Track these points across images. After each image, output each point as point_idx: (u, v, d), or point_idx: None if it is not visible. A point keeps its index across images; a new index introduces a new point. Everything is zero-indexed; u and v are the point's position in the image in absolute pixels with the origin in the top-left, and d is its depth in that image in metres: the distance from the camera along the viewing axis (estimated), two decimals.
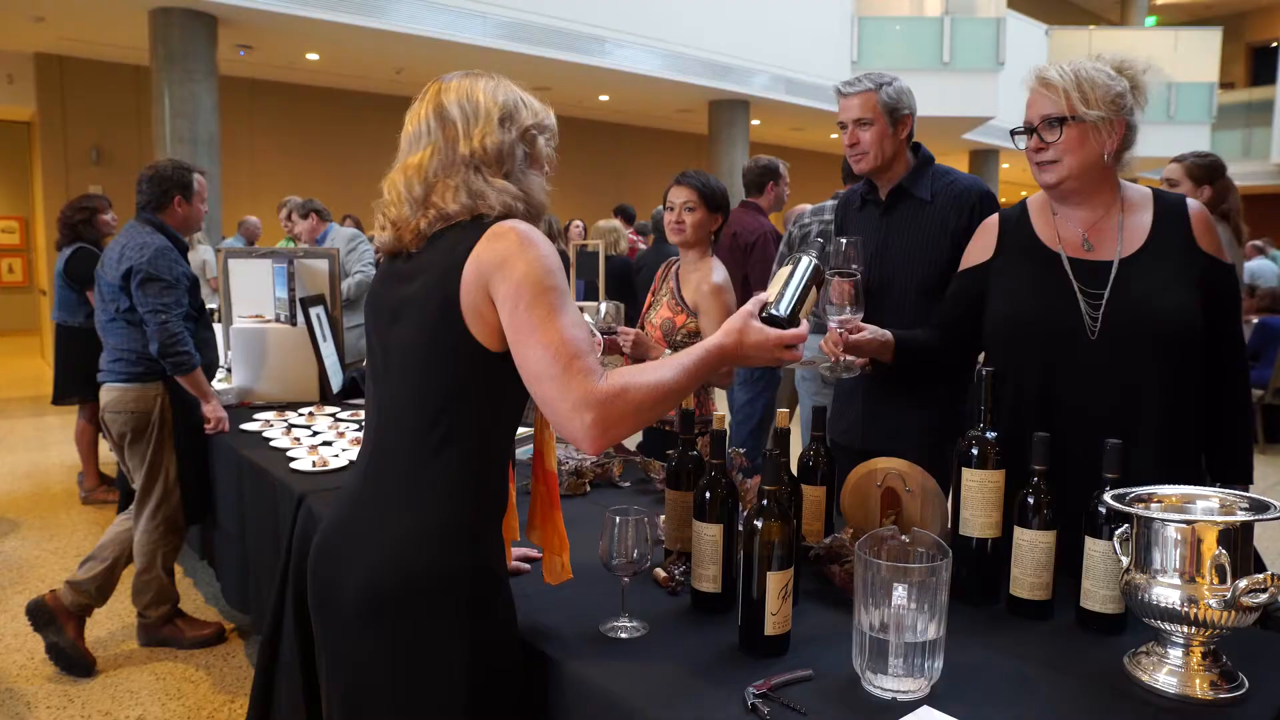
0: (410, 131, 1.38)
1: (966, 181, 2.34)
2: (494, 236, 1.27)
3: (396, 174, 1.37)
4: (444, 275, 1.28)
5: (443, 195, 1.32)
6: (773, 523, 1.33)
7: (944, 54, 12.59)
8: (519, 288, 1.23)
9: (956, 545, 1.56)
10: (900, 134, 2.33)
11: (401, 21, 8.92)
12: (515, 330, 1.23)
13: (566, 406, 1.20)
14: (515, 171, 1.35)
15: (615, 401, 1.21)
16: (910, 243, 2.31)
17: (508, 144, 1.34)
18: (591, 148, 14.32)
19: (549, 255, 1.26)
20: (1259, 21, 21.33)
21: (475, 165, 1.33)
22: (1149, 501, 1.33)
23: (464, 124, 1.34)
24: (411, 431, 1.32)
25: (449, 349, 1.29)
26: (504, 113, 1.35)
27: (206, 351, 3.29)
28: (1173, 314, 1.68)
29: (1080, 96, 1.70)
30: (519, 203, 1.33)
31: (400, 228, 1.36)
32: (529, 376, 1.24)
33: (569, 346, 1.21)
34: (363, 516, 1.36)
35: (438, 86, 1.38)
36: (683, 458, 1.69)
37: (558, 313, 1.23)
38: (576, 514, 2.12)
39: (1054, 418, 1.72)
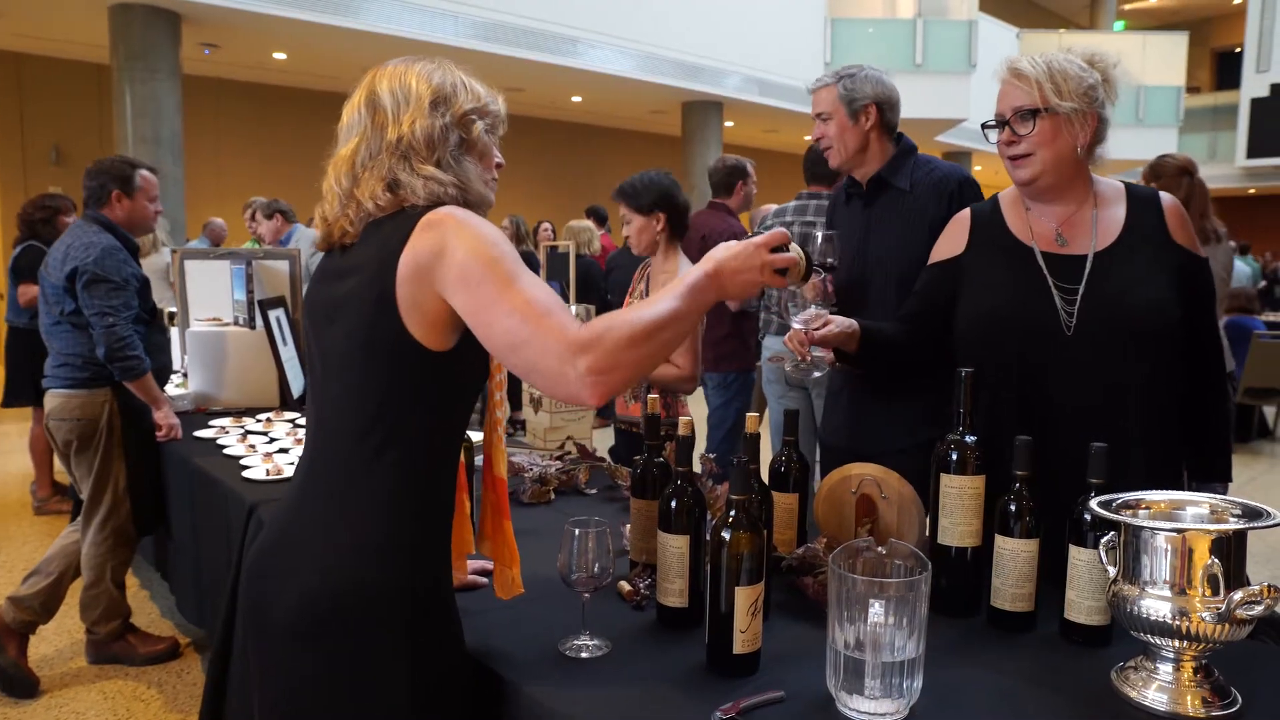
0: (344, 123, 1.30)
1: (946, 169, 2.30)
2: (427, 226, 1.19)
3: (329, 168, 1.30)
4: (378, 271, 1.20)
5: (366, 188, 1.25)
6: (741, 534, 1.25)
7: (916, 56, 12.62)
8: (465, 268, 1.14)
9: (935, 554, 1.49)
10: (863, 125, 2.28)
11: (372, 21, 8.79)
12: (475, 311, 1.15)
13: (553, 362, 1.11)
14: (446, 159, 1.26)
15: (604, 340, 1.11)
16: (890, 234, 2.27)
17: (439, 129, 1.25)
18: (564, 149, 14.24)
19: (488, 229, 1.19)
20: (1222, 27, 21.66)
21: (403, 153, 1.24)
22: (1136, 508, 1.27)
23: (394, 109, 1.26)
24: (347, 440, 1.23)
25: (386, 349, 1.21)
26: (437, 96, 1.26)
27: (158, 356, 3.17)
28: (1149, 308, 1.64)
29: (1053, 88, 1.65)
30: (453, 190, 1.25)
31: (331, 224, 1.29)
32: (504, 351, 1.15)
33: (536, 304, 1.12)
34: (295, 533, 1.26)
35: (374, 73, 1.31)
36: (648, 464, 1.61)
37: (514, 278, 1.14)
38: (540, 523, 2.03)
39: (1031, 417, 1.66)
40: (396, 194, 1.24)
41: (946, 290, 1.84)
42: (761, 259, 1.24)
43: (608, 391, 1.12)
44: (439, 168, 1.25)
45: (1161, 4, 21.02)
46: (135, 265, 3.08)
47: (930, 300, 1.87)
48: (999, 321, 1.73)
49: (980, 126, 1.78)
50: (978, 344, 1.76)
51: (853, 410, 2.35)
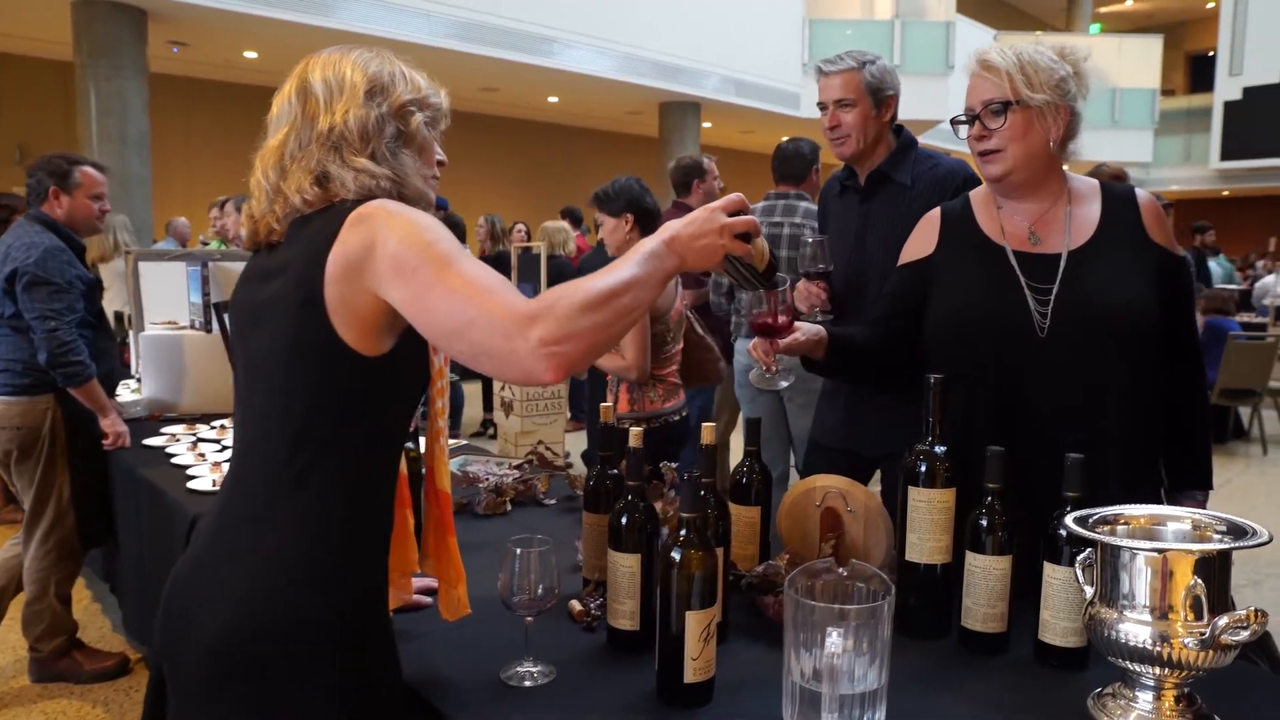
0: (274, 113, 1.22)
1: (949, 165, 2.22)
2: (357, 220, 1.10)
3: (256, 161, 1.21)
4: (305, 270, 1.11)
5: (294, 181, 1.16)
6: (692, 554, 1.16)
7: (894, 57, 12.59)
8: (398, 256, 1.05)
9: (903, 571, 1.41)
10: (884, 116, 2.22)
11: (346, 20, 8.64)
12: (413, 299, 1.05)
13: (500, 339, 1.00)
14: (382, 151, 1.18)
15: (555, 308, 1.01)
16: (890, 228, 2.17)
17: (374, 119, 1.17)
18: (541, 150, 14.13)
19: (421, 216, 1.10)
20: (1196, 31, 21.83)
21: (334, 144, 1.16)
22: (1114, 524, 1.19)
23: (326, 98, 1.18)
24: (272, 455, 1.14)
25: (313, 355, 1.11)
26: (372, 85, 1.19)
27: (106, 361, 3.04)
28: (1125, 308, 1.57)
29: (1024, 80, 1.58)
30: (386, 184, 1.17)
31: (257, 221, 1.21)
32: (448, 337, 1.04)
33: (477, 282, 1.04)
34: (215, 558, 1.16)
35: (307, 61, 1.22)
36: (601, 476, 1.52)
37: (451, 259, 1.05)
38: (495, 536, 1.93)
39: (1005, 421, 1.59)
40: (325, 188, 1.15)
41: (917, 291, 1.76)
42: (719, 222, 1.16)
43: (565, 364, 1.01)
44: (373, 160, 1.17)
45: (1136, 7, 21.17)
46: (81, 267, 2.96)
47: (901, 302, 1.80)
48: (970, 323, 1.65)
49: (950, 121, 1.70)
50: (949, 346, 1.69)
51: (850, 411, 2.27)
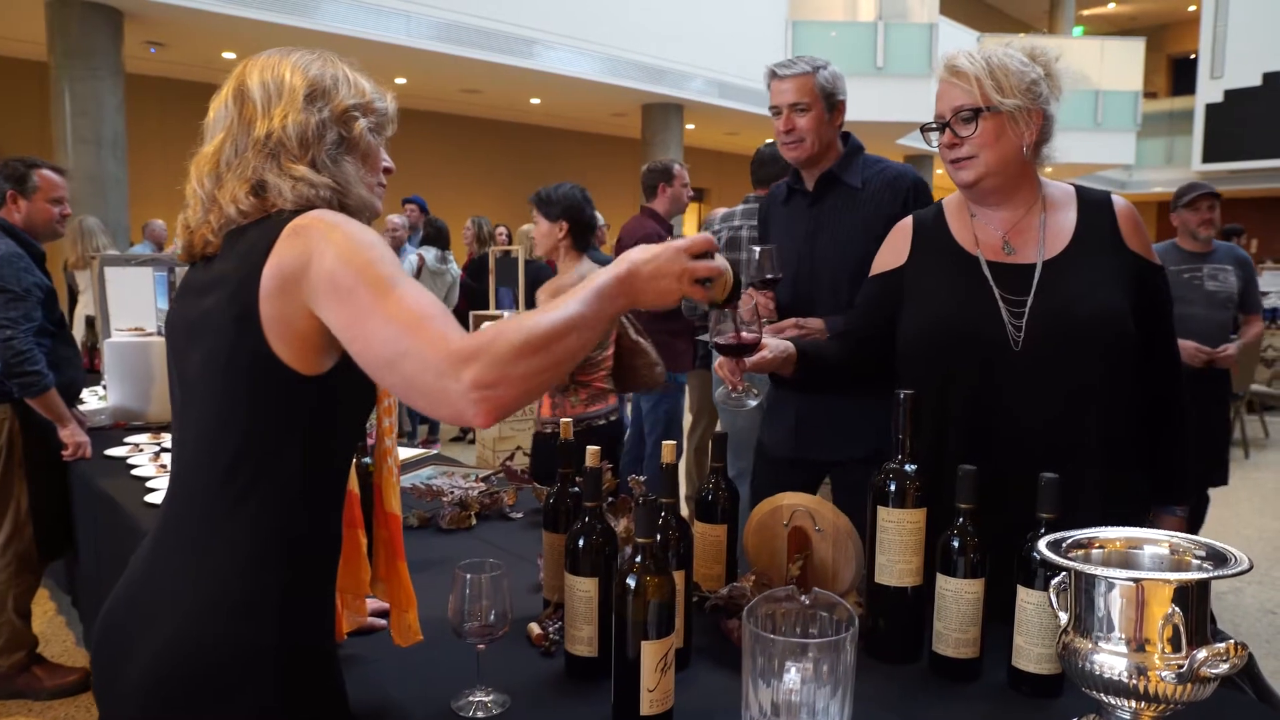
0: (210, 118, 1.17)
1: (898, 168, 2.25)
2: (294, 233, 1.04)
3: (191, 168, 1.16)
4: (239, 285, 1.05)
5: (229, 190, 1.11)
6: (649, 580, 1.10)
7: (878, 59, 12.59)
8: (335, 275, 1.00)
9: (872, 594, 1.35)
10: (836, 120, 2.25)
11: (324, 20, 8.55)
12: (349, 324, 0.99)
13: (433, 377, 0.95)
14: (322, 158, 1.13)
15: (491, 348, 0.95)
16: (841, 231, 2.19)
17: (314, 125, 1.12)
18: (523, 152, 14.05)
19: (361, 230, 1.04)
20: (1178, 34, 21.95)
21: (271, 150, 1.11)
22: (1089, 548, 1.13)
23: (264, 103, 1.12)
24: (208, 479, 1.08)
25: (249, 374, 1.06)
26: (313, 89, 1.13)
27: (66, 370, 2.96)
28: (1102, 319, 1.52)
29: (994, 85, 1.54)
30: (326, 193, 1.11)
31: (193, 232, 1.15)
32: (380, 368, 0.99)
33: (413, 309, 0.98)
34: (150, 587, 1.10)
35: (245, 64, 1.17)
36: (561, 494, 1.46)
37: (392, 283, 0.99)
38: (459, 551, 1.88)
39: (976, 438, 1.54)
40: (262, 197, 1.10)
41: (889, 303, 1.71)
42: (681, 265, 1.10)
43: (496, 410, 0.95)
44: (313, 168, 1.12)
45: (1119, 10, 21.28)
46: (39, 273, 2.87)
47: (871, 314, 1.75)
48: (943, 336, 1.60)
49: (920, 129, 1.65)
50: (921, 360, 1.64)
51: (799, 419, 2.25)
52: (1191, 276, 3.92)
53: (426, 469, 2.49)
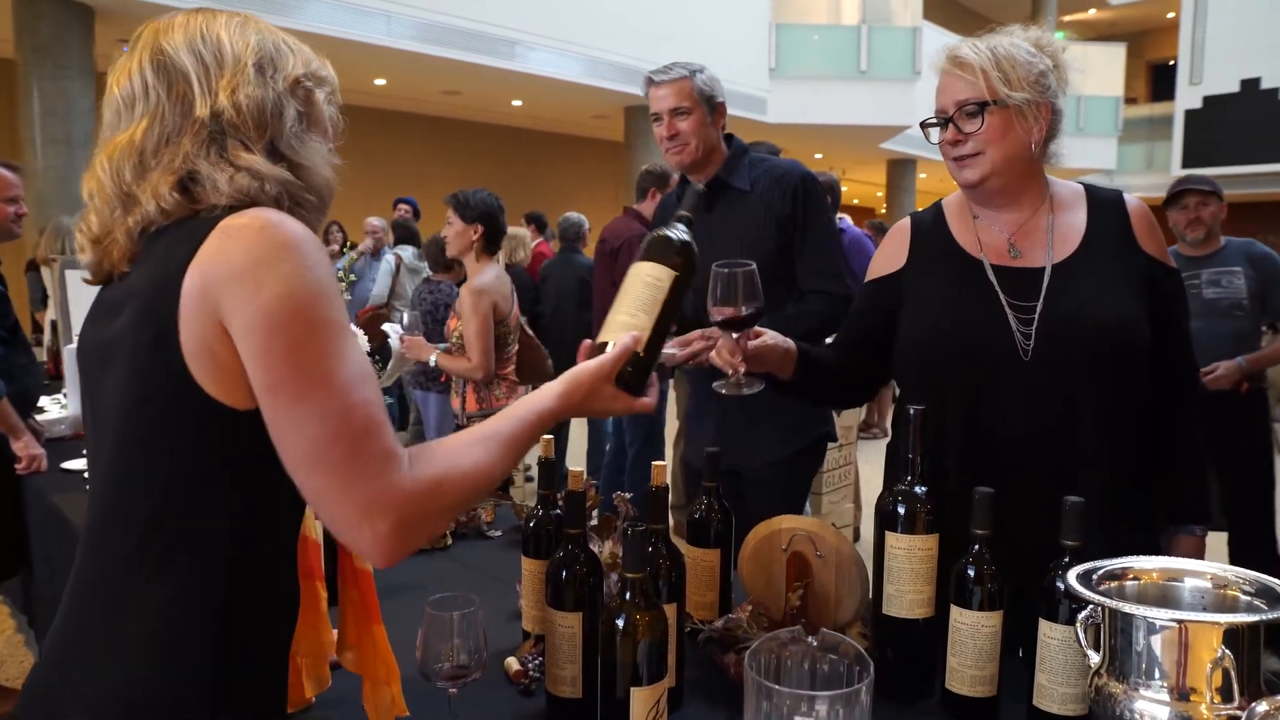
0: (117, 94, 0.96)
1: (785, 165, 2.24)
2: (226, 233, 0.87)
3: (97, 163, 0.96)
4: (154, 299, 0.89)
5: (151, 184, 0.92)
6: (639, 619, 0.99)
7: (861, 62, 12.55)
8: (270, 319, 0.83)
9: (880, 626, 1.25)
10: (718, 123, 2.26)
11: (304, 20, 8.39)
12: (268, 387, 0.85)
13: (351, 509, 0.83)
14: (287, 138, 0.97)
15: (428, 500, 0.85)
16: (734, 235, 2.18)
17: (273, 99, 0.96)
18: (504, 154, 13.91)
19: (318, 264, 0.87)
20: (1157, 40, 22.08)
21: (215, 134, 0.93)
22: (1122, 579, 1.04)
23: (201, 75, 0.94)
24: (125, 533, 0.91)
25: (169, 409, 0.89)
26: (260, 56, 0.97)
27: (21, 379, 2.81)
28: (1116, 325, 1.42)
29: (1001, 77, 1.43)
30: (275, 188, 0.93)
31: (102, 240, 0.96)
32: (292, 459, 0.85)
33: (357, 417, 0.84)
34: (61, 666, 0.93)
35: (156, 28, 0.97)
36: (542, 519, 1.35)
37: (336, 360, 0.85)
38: (434, 575, 1.76)
39: (979, 454, 1.43)
40: (190, 193, 0.92)
41: (884, 310, 1.60)
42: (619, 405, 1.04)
43: (401, 557, 0.86)
44: (271, 153, 0.96)
45: (1099, 16, 21.36)
46: None
47: (866, 322, 1.63)
48: (945, 345, 1.49)
49: (920, 125, 1.55)
50: (920, 370, 1.53)
51: (721, 427, 2.24)
52: (1188, 285, 3.33)
53: None
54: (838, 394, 1.74)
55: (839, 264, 2.21)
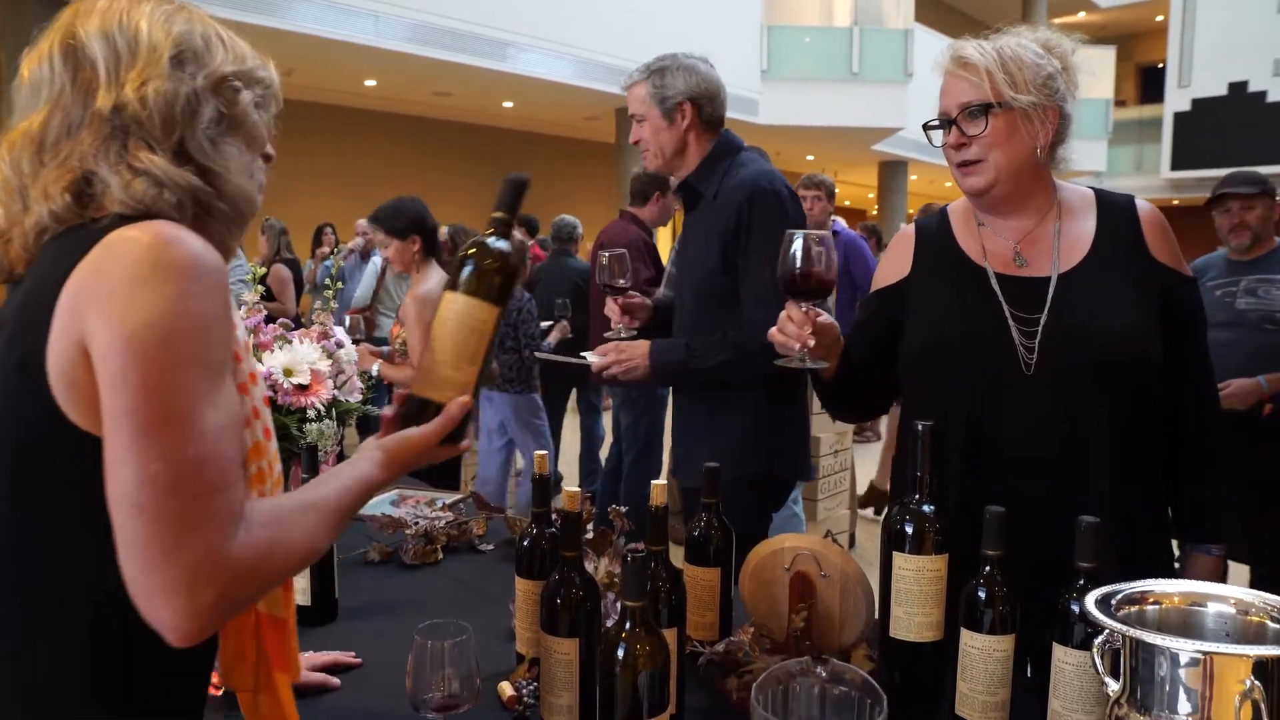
0: (24, 80, 0.90)
1: (742, 176, 2.02)
2: (108, 247, 0.79)
3: (2, 152, 0.89)
4: (24, 319, 0.81)
5: (43, 184, 0.85)
6: (639, 650, 0.95)
7: (853, 64, 12.53)
8: (131, 345, 0.75)
9: (887, 649, 1.21)
10: (679, 124, 2.05)
11: (292, 20, 8.31)
12: (114, 413, 0.76)
13: (173, 570, 0.74)
14: (199, 141, 0.88)
15: (257, 573, 0.79)
16: (696, 243, 2.10)
17: (185, 96, 0.87)
18: (495, 155, 13.84)
19: (208, 292, 0.79)
20: (1146, 43, 22.18)
21: (118, 130, 0.85)
22: (1142, 603, 1.00)
23: (111, 64, 0.86)
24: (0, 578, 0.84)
25: (36, 442, 0.81)
26: (181, 48, 0.88)
27: None
28: (1124, 338, 1.37)
29: (1006, 78, 1.38)
30: (177, 196, 0.85)
31: (6, 236, 0.88)
32: (118, 494, 0.76)
33: (210, 470, 0.77)
34: None
35: (75, 9, 0.90)
36: (536, 537, 1.30)
37: (201, 403, 0.77)
38: (425, 591, 1.71)
39: (984, 469, 1.39)
40: (83, 198, 0.84)
41: (889, 319, 1.55)
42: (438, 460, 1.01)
43: (207, 635, 0.78)
44: (179, 156, 0.87)
45: (1089, 19, 21.44)
46: None
47: (872, 333, 1.58)
48: (947, 355, 1.45)
49: (922, 127, 1.50)
50: (922, 381, 1.49)
51: (680, 443, 2.18)
52: (1224, 293, 3.04)
53: (388, 494, 2.31)
54: (858, 402, 1.68)
55: (771, 297, 1.92)
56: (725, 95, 2.10)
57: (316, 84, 10.61)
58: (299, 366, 1.62)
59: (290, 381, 1.60)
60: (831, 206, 4.44)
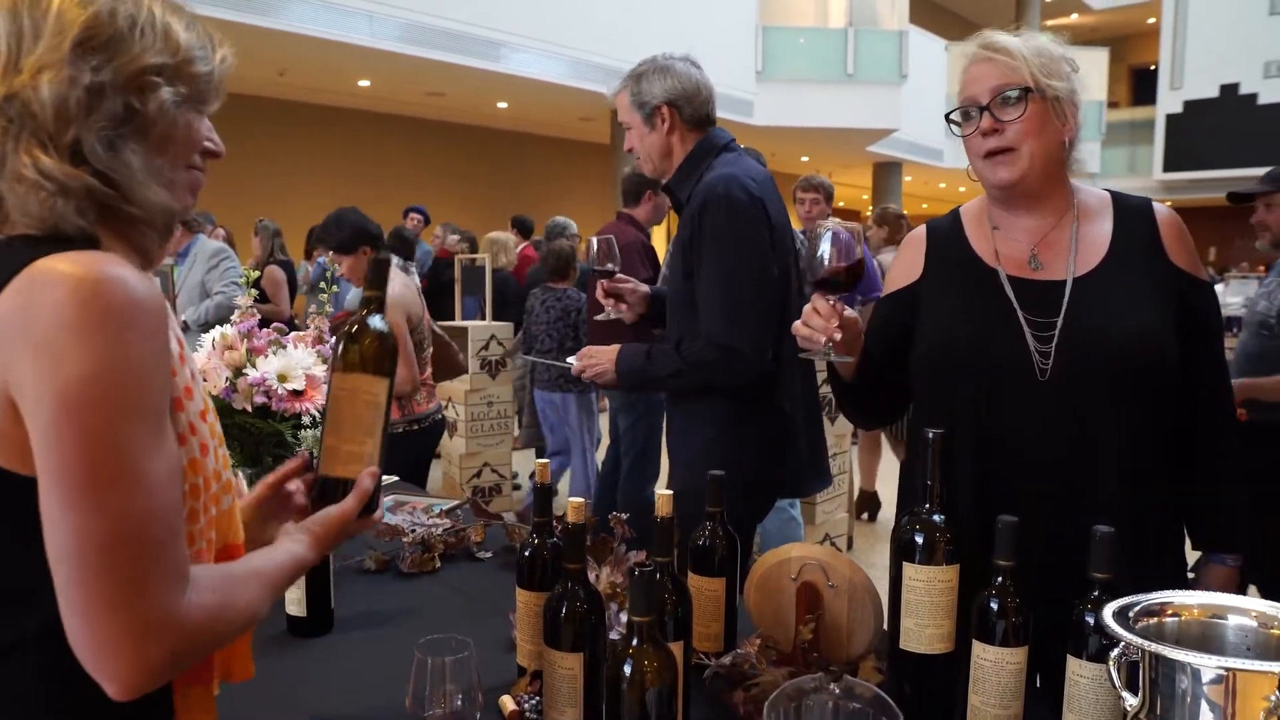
0: None
1: (704, 184, 1.96)
2: (31, 282, 0.72)
3: None
4: None
5: None
6: (647, 666, 0.92)
7: (848, 65, 12.53)
8: (64, 402, 0.70)
9: (897, 662, 1.18)
10: (660, 128, 2.01)
11: (285, 20, 8.27)
12: (50, 470, 0.72)
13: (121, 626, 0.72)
14: (93, 143, 0.77)
15: (205, 632, 0.77)
16: (674, 249, 2.12)
17: (85, 90, 0.77)
18: (490, 157, 13.82)
19: (148, 336, 0.74)
20: (1138, 45, 22.27)
21: (14, 122, 0.76)
22: (1161, 615, 0.97)
23: (13, 44, 0.77)
24: None
25: None
26: (91, 33, 0.78)
27: None
28: (1142, 344, 1.34)
29: (1041, 65, 1.35)
30: (72, 204, 0.76)
31: None
32: (60, 551, 0.72)
33: (159, 525, 0.73)
34: None
35: None
36: (538, 548, 1.27)
37: (146, 455, 0.73)
38: (423, 600, 1.68)
39: (994, 476, 1.37)
40: None
41: (901, 324, 1.52)
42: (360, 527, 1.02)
43: (149, 690, 0.75)
44: (72, 156, 0.77)
45: (1081, 21, 21.51)
46: None
47: (885, 337, 1.55)
48: (957, 358, 1.42)
49: (945, 117, 1.46)
50: (930, 385, 1.47)
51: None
52: (1255, 299, 2.87)
53: (386, 498, 2.28)
54: (874, 406, 1.65)
55: (715, 309, 1.89)
56: (708, 92, 2.04)
57: (310, 84, 10.57)
58: (293, 372, 1.59)
59: (284, 387, 1.57)
60: (830, 209, 4.42)
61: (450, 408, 5.20)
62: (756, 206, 1.92)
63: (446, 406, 5.27)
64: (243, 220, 7.32)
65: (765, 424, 1.97)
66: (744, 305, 1.87)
